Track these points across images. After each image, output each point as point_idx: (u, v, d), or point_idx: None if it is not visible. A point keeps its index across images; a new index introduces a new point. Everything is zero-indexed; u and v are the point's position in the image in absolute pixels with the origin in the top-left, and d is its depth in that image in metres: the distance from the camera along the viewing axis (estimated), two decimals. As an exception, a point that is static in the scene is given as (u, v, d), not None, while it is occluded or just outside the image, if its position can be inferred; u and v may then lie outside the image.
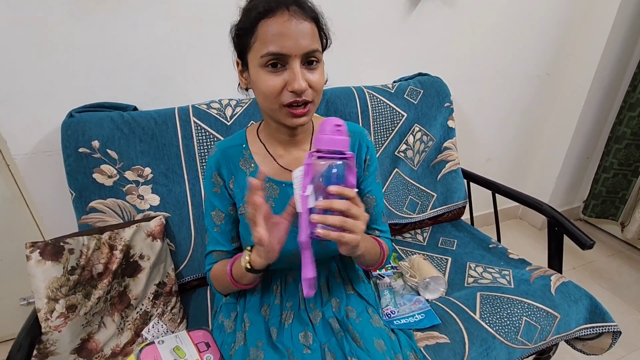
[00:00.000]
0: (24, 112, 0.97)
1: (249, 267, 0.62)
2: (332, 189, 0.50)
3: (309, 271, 0.55)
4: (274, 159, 0.71)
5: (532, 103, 1.73)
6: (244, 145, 0.72)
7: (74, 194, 0.93)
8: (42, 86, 0.96)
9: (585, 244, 0.94)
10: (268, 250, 0.57)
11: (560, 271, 1.07)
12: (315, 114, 0.85)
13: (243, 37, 0.59)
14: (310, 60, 0.58)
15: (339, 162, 0.51)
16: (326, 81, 0.69)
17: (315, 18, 0.59)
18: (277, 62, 0.56)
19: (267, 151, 0.71)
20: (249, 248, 0.64)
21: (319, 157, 0.51)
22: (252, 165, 0.70)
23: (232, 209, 0.74)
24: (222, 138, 1.03)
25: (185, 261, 1.02)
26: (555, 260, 1.08)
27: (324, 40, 0.65)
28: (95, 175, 0.93)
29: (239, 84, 0.67)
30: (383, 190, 1.23)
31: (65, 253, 0.75)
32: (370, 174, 0.78)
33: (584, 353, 1.00)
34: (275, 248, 0.57)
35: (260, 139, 0.72)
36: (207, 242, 0.77)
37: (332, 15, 1.17)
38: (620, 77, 1.66)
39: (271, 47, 0.55)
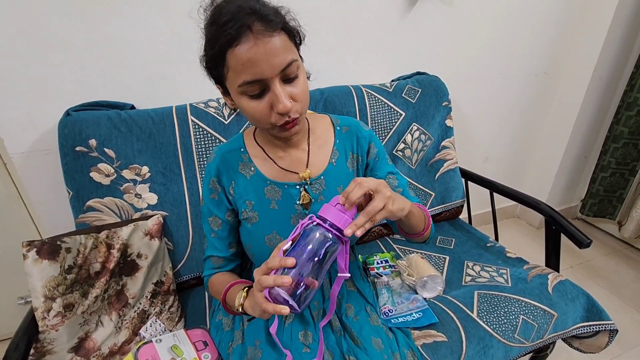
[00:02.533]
0: (20, 111, 0.96)
1: (241, 310, 0.61)
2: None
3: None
4: (274, 162, 0.70)
5: (530, 102, 1.73)
6: (242, 149, 0.71)
7: (71, 193, 0.92)
8: (39, 84, 0.96)
9: (582, 242, 0.94)
10: (262, 315, 0.55)
11: (557, 270, 1.07)
12: (308, 110, 0.85)
13: (214, 68, 0.56)
14: (289, 73, 0.55)
15: (333, 239, 0.50)
16: (309, 77, 0.66)
17: (282, 27, 0.54)
18: (258, 87, 0.54)
19: (266, 154, 0.70)
20: (244, 290, 0.61)
21: (318, 224, 0.50)
22: (252, 169, 0.70)
23: (229, 215, 0.73)
24: (220, 137, 1.03)
25: (183, 260, 1.01)
26: (552, 259, 1.08)
27: (297, 39, 0.60)
28: (92, 174, 0.92)
29: (225, 103, 0.66)
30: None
31: (62, 252, 0.75)
32: (381, 158, 0.77)
33: (581, 351, 1.00)
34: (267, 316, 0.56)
35: (257, 143, 0.71)
36: (205, 246, 0.76)
37: (329, 13, 1.18)
38: (618, 76, 1.67)
39: (245, 77, 0.52)
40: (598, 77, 1.61)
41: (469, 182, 1.36)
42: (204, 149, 1.02)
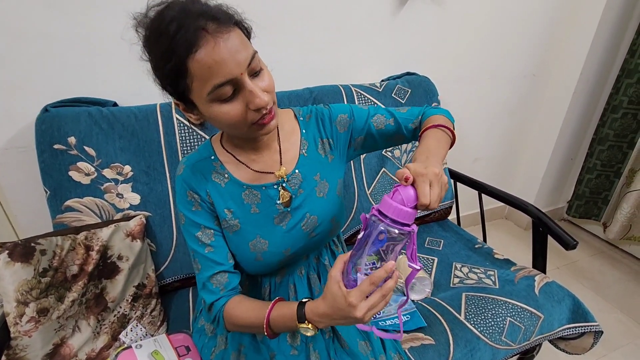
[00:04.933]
0: (-5, 106, 0.92)
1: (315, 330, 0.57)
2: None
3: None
4: (247, 166, 0.67)
5: (519, 104, 1.74)
6: (212, 157, 0.66)
7: (49, 192, 0.89)
8: (15, 78, 0.92)
9: (569, 244, 0.95)
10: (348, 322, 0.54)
11: (544, 271, 1.07)
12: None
13: (175, 84, 0.51)
14: (254, 67, 0.52)
15: (397, 234, 0.48)
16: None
17: (234, 22, 0.51)
18: (231, 88, 0.51)
19: (237, 160, 0.67)
20: (304, 324, 0.56)
21: (381, 220, 0.48)
22: (226, 175, 0.66)
23: (218, 223, 0.67)
24: (205, 135, 1.01)
25: (167, 262, 0.99)
26: (539, 260, 1.09)
27: (247, 32, 0.57)
28: (71, 173, 0.89)
29: (188, 121, 0.60)
30: (369, 191, 1.22)
31: (37, 254, 0.72)
32: (356, 116, 0.72)
33: (566, 353, 1.01)
34: None
35: (226, 150, 0.67)
36: (198, 271, 0.66)
37: (320, 12, 1.17)
38: (604, 79, 1.69)
39: (215, 80, 0.48)
40: (585, 79, 1.63)
41: (458, 183, 1.36)
42: (189, 148, 0.99)
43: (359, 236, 0.52)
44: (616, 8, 1.50)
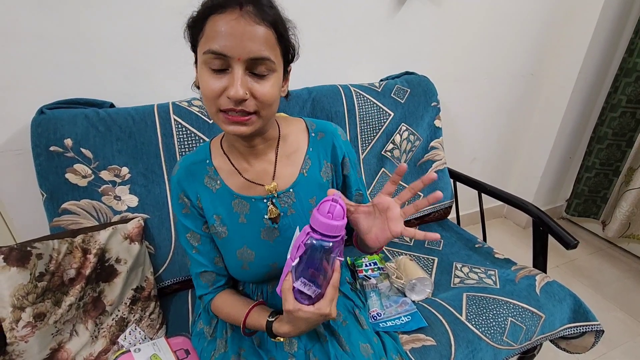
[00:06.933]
0: (-10, 108, 0.91)
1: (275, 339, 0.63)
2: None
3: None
4: (240, 174, 0.66)
5: (517, 103, 1.74)
6: (207, 161, 0.66)
7: (45, 195, 0.88)
8: (10, 80, 0.91)
9: (569, 243, 0.95)
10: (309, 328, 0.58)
11: (544, 271, 1.07)
12: (283, 115, 0.80)
13: (193, 30, 0.54)
14: (258, 69, 0.52)
15: (328, 245, 0.50)
16: (287, 95, 0.63)
17: (273, 23, 0.52)
18: (220, 63, 0.51)
19: (232, 164, 0.66)
20: (271, 316, 0.63)
21: (310, 234, 0.51)
22: (218, 182, 0.65)
23: (206, 228, 0.68)
24: (204, 137, 1.00)
25: (165, 264, 0.98)
26: (540, 260, 1.08)
27: (288, 52, 0.58)
28: (68, 176, 0.88)
29: (194, 82, 0.61)
30: (369, 191, 1.21)
31: (33, 258, 0.71)
32: (351, 174, 0.73)
33: (567, 352, 1.00)
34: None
35: (224, 151, 0.67)
36: (188, 264, 0.72)
37: (318, 11, 1.16)
38: (602, 78, 1.69)
39: (213, 45, 0.50)
40: (583, 78, 1.63)
41: (457, 183, 1.36)
42: (187, 150, 0.98)
43: (291, 258, 0.53)
44: (614, 7, 1.50)
